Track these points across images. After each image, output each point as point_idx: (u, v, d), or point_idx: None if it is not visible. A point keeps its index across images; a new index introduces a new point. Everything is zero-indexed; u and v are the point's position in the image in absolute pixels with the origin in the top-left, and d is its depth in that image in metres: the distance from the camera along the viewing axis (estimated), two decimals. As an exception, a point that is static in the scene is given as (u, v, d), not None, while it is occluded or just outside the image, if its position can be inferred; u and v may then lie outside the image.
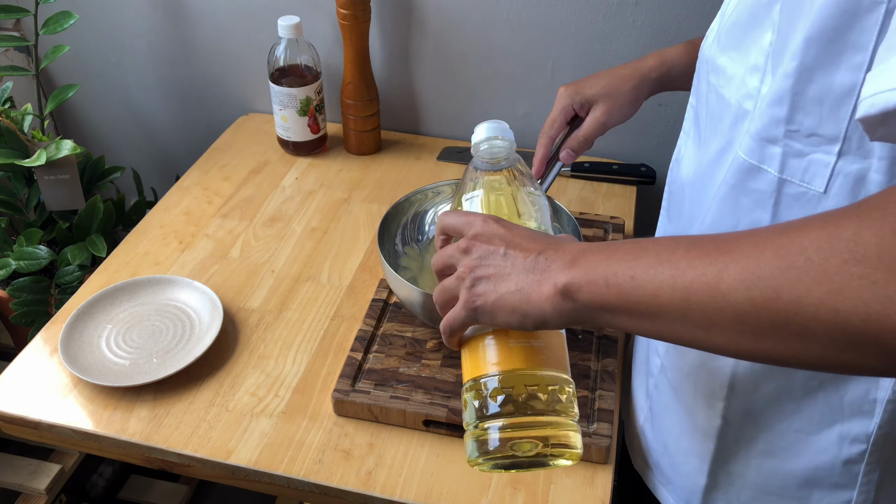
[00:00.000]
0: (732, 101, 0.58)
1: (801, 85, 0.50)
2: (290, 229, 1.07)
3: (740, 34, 0.58)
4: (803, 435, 0.63)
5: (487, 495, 0.73)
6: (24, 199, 1.22)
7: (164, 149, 1.45)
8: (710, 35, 0.64)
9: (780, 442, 0.64)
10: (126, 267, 1.00)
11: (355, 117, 1.19)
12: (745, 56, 0.57)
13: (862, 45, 0.46)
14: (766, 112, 0.53)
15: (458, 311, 0.53)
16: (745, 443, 0.66)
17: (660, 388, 0.74)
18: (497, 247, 0.52)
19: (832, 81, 0.48)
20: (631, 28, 1.11)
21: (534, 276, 0.49)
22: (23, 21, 1.35)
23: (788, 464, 0.64)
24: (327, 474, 0.75)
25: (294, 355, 0.88)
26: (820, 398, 0.60)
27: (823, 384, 0.60)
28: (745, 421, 0.65)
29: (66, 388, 0.84)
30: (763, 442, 0.65)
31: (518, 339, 0.54)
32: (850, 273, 0.36)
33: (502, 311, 0.50)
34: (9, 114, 1.12)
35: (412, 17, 1.18)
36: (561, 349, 0.56)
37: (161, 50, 1.32)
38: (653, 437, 0.77)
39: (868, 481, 0.62)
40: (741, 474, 0.68)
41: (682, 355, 0.69)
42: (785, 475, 0.65)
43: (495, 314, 0.51)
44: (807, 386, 0.60)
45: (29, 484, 1.27)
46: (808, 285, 0.37)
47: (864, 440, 0.60)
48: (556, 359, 0.55)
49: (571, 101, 0.83)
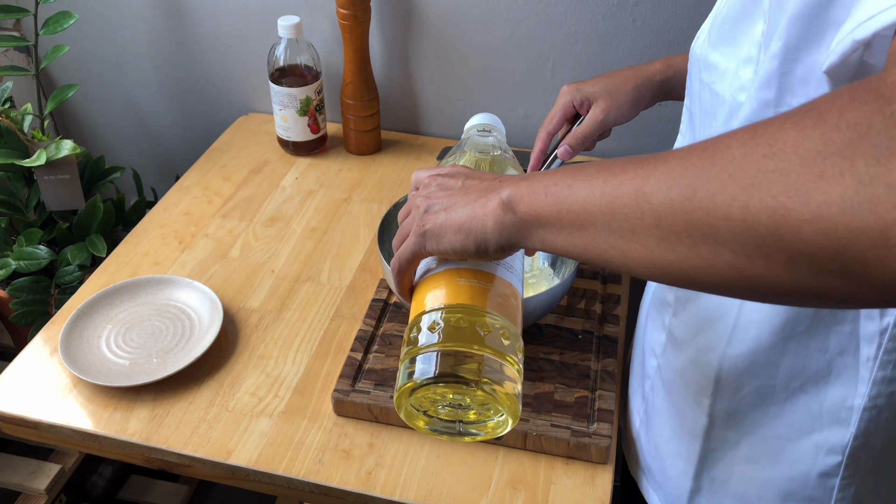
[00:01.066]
0: (727, 96, 0.58)
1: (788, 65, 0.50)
2: (289, 229, 1.07)
3: (731, 28, 0.58)
4: (783, 442, 0.63)
5: (487, 495, 0.73)
6: (24, 199, 1.22)
7: (164, 149, 1.45)
8: (701, 35, 0.64)
9: (762, 448, 0.64)
10: (126, 267, 1.00)
11: (355, 117, 1.19)
12: (737, 49, 0.57)
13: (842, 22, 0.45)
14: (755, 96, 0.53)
15: (408, 239, 0.53)
16: (729, 446, 0.66)
17: (655, 389, 0.74)
18: (457, 180, 0.53)
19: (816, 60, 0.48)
20: (631, 28, 1.11)
21: (482, 196, 0.49)
22: (23, 21, 1.35)
23: (768, 472, 0.65)
24: (327, 474, 0.75)
25: (294, 355, 0.88)
26: (801, 402, 0.61)
27: (804, 386, 0.60)
28: (730, 422, 0.65)
29: (65, 388, 0.84)
30: (746, 447, 0.65)
31: (467, 279, 0.53)
32: (766, 167, 0.34)
33: (448, 231, 0.50)
34: (9, 114, 1.12)
35: (412, 17, 1.18)
36: (511, 300, 0.54)
37: (161, 50, 1.32)
38: (646, 440, 0.77)
39: (843, 497, 0.63)
40: (724, 481, 0.68)
41: (677, 354, 0.69)
42: (763, 484, 0.65)
43: (442, 236, 0.51)
44: (788, 387, 0.61)
45: (29, 484, 1.27)
46: (724, 181, 0.36)
47: (840, 451, 0.61)
48: (504, 307, 0.53)
49: (572, 97, 0.84)
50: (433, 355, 0.50)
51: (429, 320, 0.52)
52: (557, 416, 0.78)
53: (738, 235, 0.35)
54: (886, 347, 0.55)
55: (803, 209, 0.33)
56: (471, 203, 0.50)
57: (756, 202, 0.34)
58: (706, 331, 0.64)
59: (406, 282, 0.56)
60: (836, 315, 0.56)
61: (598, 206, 0.42)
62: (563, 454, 0.76)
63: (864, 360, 0.57)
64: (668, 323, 0.70)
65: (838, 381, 0.59)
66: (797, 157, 0.33)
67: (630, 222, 0.41)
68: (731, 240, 0.36)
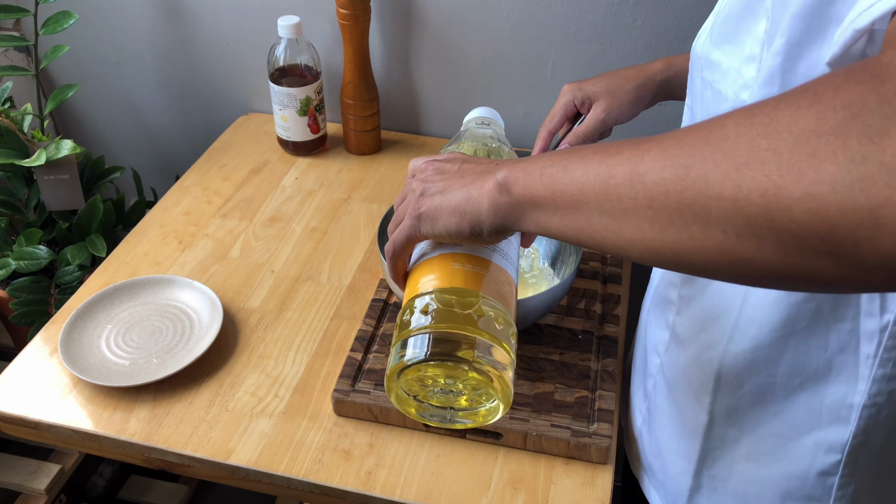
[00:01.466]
0: (729, 94, 0.58)
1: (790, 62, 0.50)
2: (289, 229, 1.07)
3: (734, 27, 0.58)
4: (783, 440, 0.63)
5: (487, 495, 0.73)
6: (23, 199, 1.22)
7: (164, 149, 1.45)
8: (703, 34, 0.64)
9: (762, 446, 0.64)
10: (126, 267, 1.00)
11: (355, 117, 1.19)
12: (740, 47, 0.57)
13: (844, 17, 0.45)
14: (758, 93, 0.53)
15: (403, 223, 0.53)
16: (729, 444, 0.66)
17: (657, 387, 0.74)
18: (453, 164, 0.53)
19: (818, 56, 0.48)
20: (631, 28, 1.11)
21: (480, 178, 0.49)
22: (23, 21, 1.35)
23: (767, 470, 0.65)
24: (327, 474, 0.75)
25: (294, 355, 0.88)
26: (801, 401, 0.61)
27: (804, 384, 0.60)
28: (731, 420, 0.65)
29: (65, 388, 0.84)
30: (745, 445, 0.65)
31: (462, 263, 0.53)
32: (759, 146, 0.34)
33: (443, 213, 0.50)
34: (9, 114, 1.12)
35: (412, 17, 1.18)
36: (505, 287, 0.54)
37: (161, 50, 1.32)
38: (648, 439, 0.77)
39: (842, 496, 0.63)
40: (724, 479, 0.68)
41: (680, 352, 0.69)
42: (763, 483, 0.65)
43: (437, 219, 0.51)
44: (788, 385, 0.61)
45: (29, 484, 1.27)
46: (717, 160, 0.36)
47: (839, 450, 0.61)
48: (498, 292, 0.53)
49: (573, 96, 0.84)
50: (425, 337, 0.50)
51: (422, 303, 0.51)
52: (557, 416, 0.78)
53: (730, 215, 0.35)
54: (886, 345, 0.55)
55: (795, 188, 0.32)
56: (466, 185, 0.50)
57: (748, 181, 0.34)
58: (709, 328, 0.64)
59: (400, 266, 0.56)
60: (837, 312, 0.56)
61: (592, 186, 0.42)
62: (563, 454, 0.76)
63: (864, 358, 0.57)
64: (672, 321, 0.70)
65: (838, 378, 0.59)
66: (791, 136, 0.33)
67: (623, 202, 0.40)
68: (723, 220, 0.36)
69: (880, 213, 0.30)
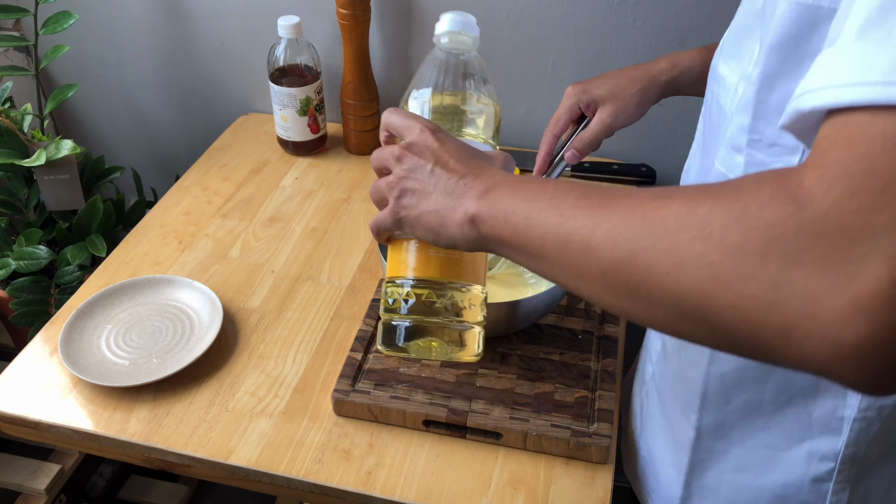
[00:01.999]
0: (727, 111, 0.58)
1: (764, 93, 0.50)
2: (289, 229, 1.07)
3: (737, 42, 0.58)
4: (773, 451, 0.63)
5: (487, 495, 0.73)
6: (23, 199, 1.22)
7: (164, 149, 1.45)
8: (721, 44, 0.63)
9: (752, 457, 0.64)
10: (126, 267, 1.00)
11: (355, 117, 1.19)
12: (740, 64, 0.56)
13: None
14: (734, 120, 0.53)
15: (386, 216, 0.57)
16: (718, 456, 0.66)
17: (649, 395, 0.74)
18: (426, 162, 0.55)
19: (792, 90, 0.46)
20: (631, 27, 1.11)
21: (451, 200, 0.52)
22: (23, 21, 1.35)
23: (759, 480, 0.65)
24: (327, 474, 0.75)
25: (294, 355, 0.88)
26: (789, 414, 0.61)
27: (792, 399, 0.60)
28: (718, 434, 0.65)
29: (65, 388, 0.84)
30: (735, 457, 0.65)
31: (437, 250, 0.60)
32: (695, 250, 0.37)
33: (421, 227, 0.54)
34: (9, 114, 1.12)
35: (412, 17, 1.18)
36: (475, 261, 0.62)
37: (161, 50, 1.32)
38: (642, 445, 0.77)
39: (837, 501, 0.62)
40: (714, 488, 0.68)
41: (668, 364, 0.69)
42: (756, 491, 0.65)
43: (415, 228, 0.55)
44: (776, 401, 0.60)
45: (29, 484, 1.27)
46: (659, 255, 0.38)
47: (833, 458, 0.60)
48: (470, 271, 0.61)
49: (578, 99, 0.82)
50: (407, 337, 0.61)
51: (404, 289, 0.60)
52: (557, 416, 0.78)
53: (670, 304, 0.38)
54: None
55: (724, 297, 0.36)
56: (439, 207, 0.52)
57: (686, 280, 0.37)
58: (688, 346, 0.64)
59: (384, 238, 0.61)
60: None
61: (552, 245, 0.45)
62: (563, 454, 0.76)
63: None
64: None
65: (826, 393, 0.58)
66: (722, 248, 0.36)
67: (580, 268, 0.43)
68: (664, 305, 0.39)
69: (791, 332, 0.34)
